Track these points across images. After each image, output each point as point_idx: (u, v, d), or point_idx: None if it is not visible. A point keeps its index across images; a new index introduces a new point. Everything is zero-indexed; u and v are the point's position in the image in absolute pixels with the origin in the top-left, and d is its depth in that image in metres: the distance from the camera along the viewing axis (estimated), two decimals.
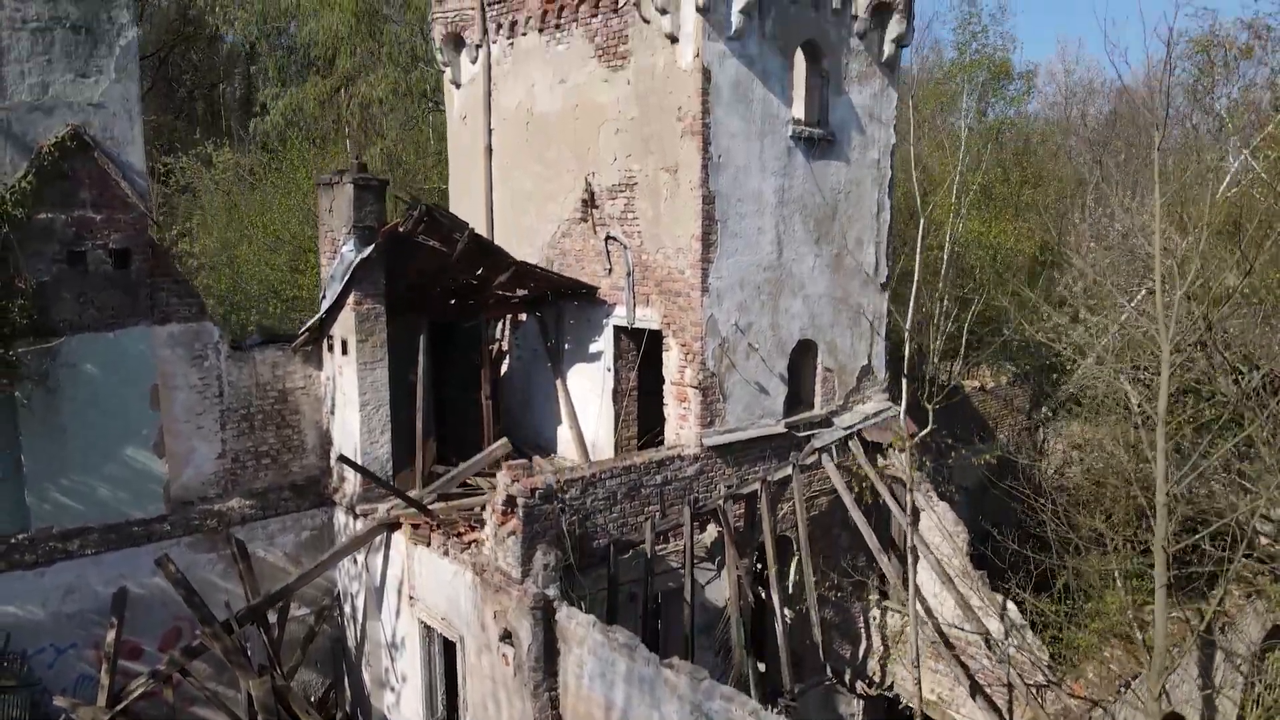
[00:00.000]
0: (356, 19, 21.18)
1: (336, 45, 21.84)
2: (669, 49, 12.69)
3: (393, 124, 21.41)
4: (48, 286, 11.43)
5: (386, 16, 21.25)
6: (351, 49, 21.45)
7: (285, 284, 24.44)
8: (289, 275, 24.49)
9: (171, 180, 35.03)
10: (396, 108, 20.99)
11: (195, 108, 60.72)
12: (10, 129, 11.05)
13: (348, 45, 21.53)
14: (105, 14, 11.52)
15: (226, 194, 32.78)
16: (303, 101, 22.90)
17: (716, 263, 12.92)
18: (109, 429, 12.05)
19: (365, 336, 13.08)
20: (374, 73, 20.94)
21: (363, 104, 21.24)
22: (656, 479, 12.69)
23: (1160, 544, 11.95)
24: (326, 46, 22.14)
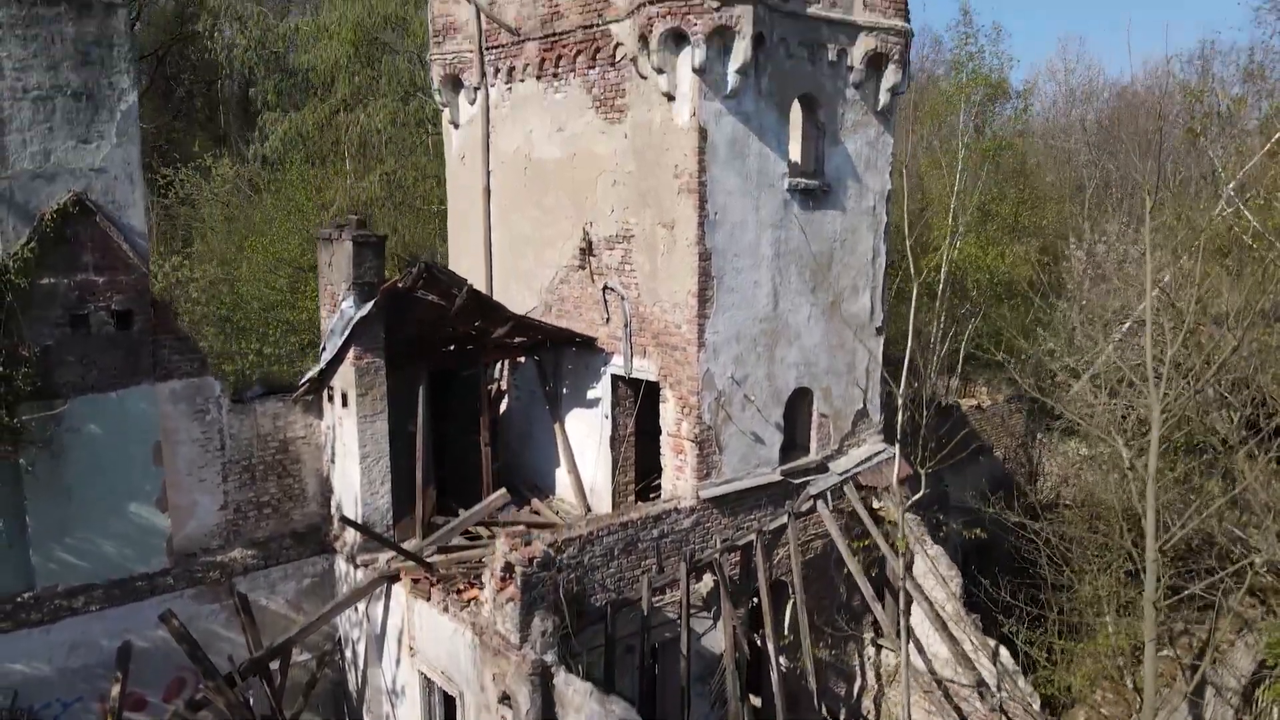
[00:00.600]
0: (355, 48, 21.22)
1: (335, 73, 21.89)
2: (665, 106, 12.78)
3: (391, 150, 21.47)
4: (51, 350, 11.56)
5: (385, 44, 21.28)
6: (350, 77, 21.50)
7: (285, 304, 24.53)
8: (289, 296, 24.60)
9: (171, 193, 35.12)
10: (395, 137, 21.05)
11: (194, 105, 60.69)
12: (13, 197, 11.15)
13: (346, 74, 21.58)
14: (106, 80, 11.60)
15: (225, 204, 32.90)
16: (301, 126, 22.95)
17: (713, 318, 13.05)
18: (113, 487, 12.20)
19: (365, 390, 13.22)
20: (372, 101, 20.98)
21: (361, 132, 21.29)
22: (653, 533, 12.87)
23: (1150, 600, 12.12)
24: (325, 74, 22.19)
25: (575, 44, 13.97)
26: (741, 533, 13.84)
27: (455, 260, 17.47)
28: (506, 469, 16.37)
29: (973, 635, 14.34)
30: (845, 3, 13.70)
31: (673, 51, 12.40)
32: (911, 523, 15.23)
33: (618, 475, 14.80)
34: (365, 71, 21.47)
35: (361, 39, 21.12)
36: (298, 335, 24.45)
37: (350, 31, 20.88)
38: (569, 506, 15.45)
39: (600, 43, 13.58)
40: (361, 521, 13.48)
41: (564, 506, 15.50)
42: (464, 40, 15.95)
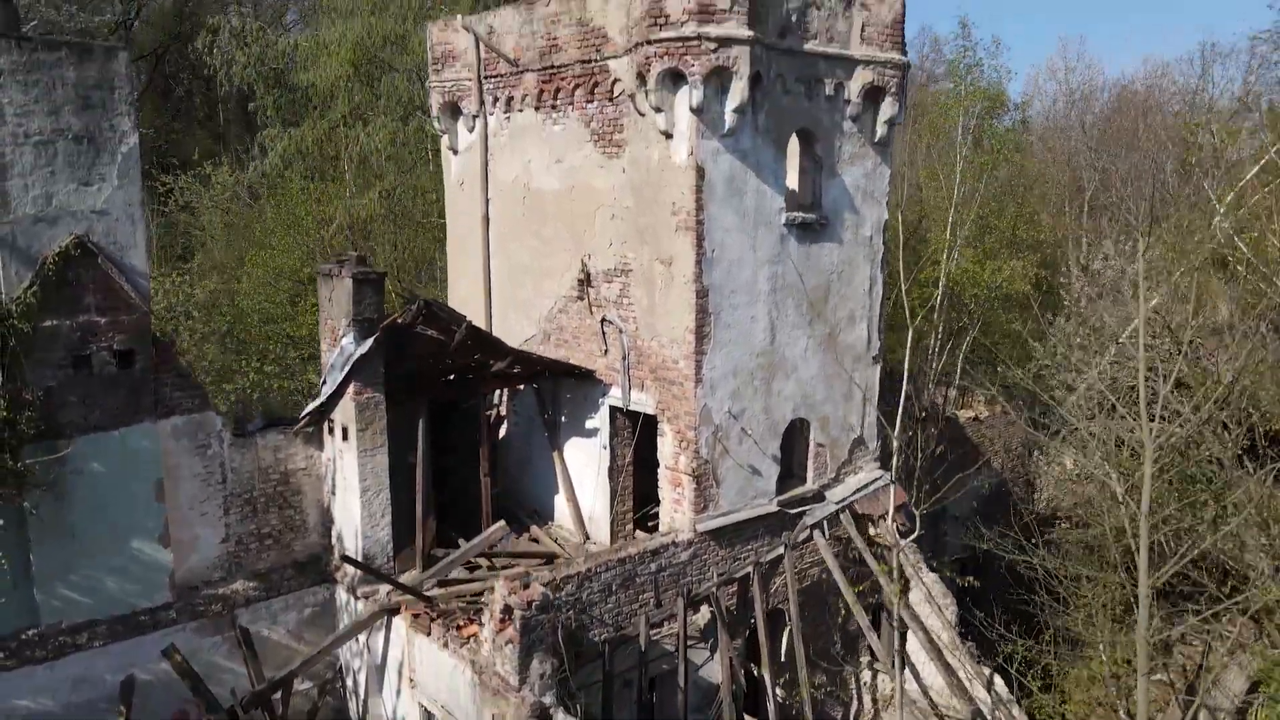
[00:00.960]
0: (354, 67, 21.27)
1: (334, 91, 21.93)
2: (663, 143, 12.85)
3: (391, 165, 21.53)
4: (54, 391, 11.66)
5: (384, 63, 21.31)
6: (350, 95, 21.54)
7: (285, 318, 24.58)
8: (289, 309, 24.66)
9: (171, 200, 35.16)
10: (395, 155, 21.11)
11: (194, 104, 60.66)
12: (15, 242, 11.23)
13: (346, 92, 21.62)
14: (107, 123, 11.67)
15: (225, 212, 32.95)
16: (301, 143, 23.01)
17: (710, 354, 13.14)
18: (115, 524, 12.32)
19: (365, 425, 13.33)
20: (373, 120, 21.03)
21: (361, 151, 21.35)
22: (651, 567, 13.00)
23: (1142, 636, 12.26)
24: (324, 92, 22.23)
25: (573, 77, 14.03)
26: (739, 564, 13.97)
27: (454, 284, 17.57)
28: (505, 494, 16.49)
29: (968, 664, 14.48)
30: (842, 37, 13.75)
31: (670, 90, 12.47)
32: (907, 550, 15.39)
33: (616, 504, 14.92)
34: (365, 90, 21.51)
35: (361, 58, 21.15)
36: (298, 349, 24.56)
37: (350, 51, 20.92)
38: (568, 533, 15.57)
39: (598, 78, 13.64)
40: (362, 553, 13.62)
41: (563, 534, 15.62)
42: (463, 68, 16.00)
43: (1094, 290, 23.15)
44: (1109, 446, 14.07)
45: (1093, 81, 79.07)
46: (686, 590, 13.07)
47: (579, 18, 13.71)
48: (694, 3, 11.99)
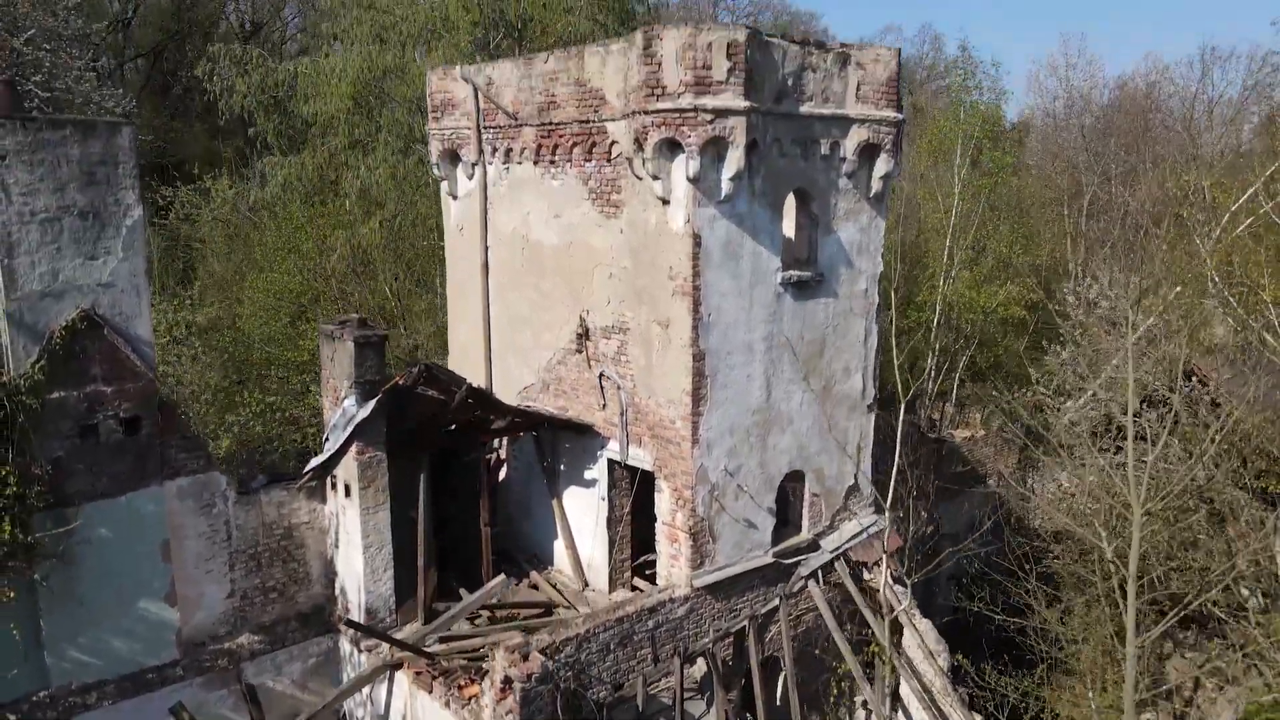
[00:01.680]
0: (355, 101, 21.36)
1: (335, 123, 22.03)
2: (660, 208, 13.00)
3: (391, 194, 21.65)
4: (61, 461, 11.87)
5: (384, 93, 21.40)
6: (350, 128, 21.64)
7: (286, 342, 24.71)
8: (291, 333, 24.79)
9: (171, 214, 35.26)
10: (393, 191, 21.23)
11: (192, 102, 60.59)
12: (22, 318, 11.42)
13: (346, 125, 21.72)
14: (112, 198, 11.84)
15: (226, 224, 33.07)
16: (302, 172, 23.12)
17: (707, 415, 13.34)
18: (123, 586, 12.56)
19: (368, 483, 13.56)
20: (372, 153, 21.15)
21: (362, 185, 21.47)
22: (648, 624, 13.25)
23: (1130, 696, 12.53)
24: (324, 125, 22.34)
25: (571, 135, 14.16)
26: (735, 615, 14.22)
27: (454, 329, 17.75)
28: (504, 536, 16.73)
29: (959, 712, 14.76)
30: (837, 97, 13.88)
31: (667, 158, 12.61)
32: (901, 595, 15.65)
33: (615, 553, 15.16)
34: (365, 122, 21.61)
35: (361, 91, 21.23)
36: (300, 374, 24.75)
37: (350, 86, 21.00)
38: (567, 579, 15.82)
39: (596, 138, 13.77)
40: (365, 607, 13.89)
41: (562, 579, 15.87)
42: (462, 117, 16.12)
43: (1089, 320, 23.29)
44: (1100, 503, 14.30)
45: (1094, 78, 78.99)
46: (683, 648, 13.32)
47: (577, 77, 13.83)
48: (690, 75, 12.12)
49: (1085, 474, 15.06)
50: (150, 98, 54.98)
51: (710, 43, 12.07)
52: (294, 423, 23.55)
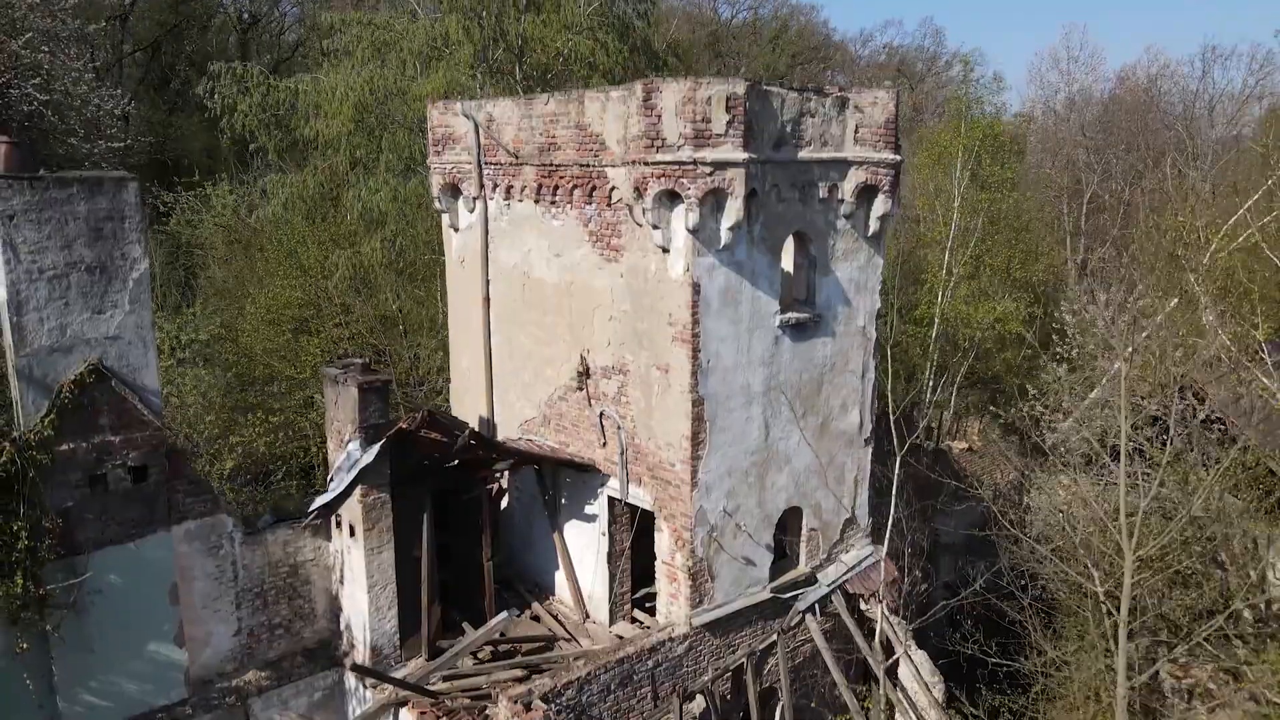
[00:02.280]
0: (355, 125, 21.43)
1: (336, 145, 22.11)
2: (660, 255, 13.14)
3: (392, 214, 21.77)
4: (71, 511, 12.06)
5: (386, 115, 21.45)
6: (351, 151, 21.73)
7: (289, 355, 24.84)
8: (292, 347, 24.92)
9: (171, 221, 35.34)
10: (394, 212, 21.34)
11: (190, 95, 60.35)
12: (31, 373, 11.58)
13: (348, 148, 21.79)
14: (119, 252, 11.98)
15: (227, 230, 33.15)
16: (303, 190, 23.22)
17: (706, 459, 13.54)
18: (132, 630, 12.79)
19: (372, 525, 13.77)
20: (373, 176, 21.25)
21: (364, 207, 21.57)
22: (649, 664, 13.50)
23: None
24: (325, 147, 22.43)
25: (572, 177, 14.28)
26: (733, 651, 14.48)
27: (456, 356, 17.91)
28: (506, 565, 16.97)
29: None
30: (835, 140, 14.00)
31: (666, 208, 12.74)
32: (897, 627, 15.91)
33: (615, 587, 15.39)
34: (366, 144, 21.69)
35: (362, 114, 21.30)
36: (302, 390, 24.92)
37: (351, 109, 21.07)
38: (568, 610, 16.06)
39: (596, 182, 13.90)
40: (370, 644, 14.13)
41: (563, 610, 16.11)
42: (463, 151, 16.23)
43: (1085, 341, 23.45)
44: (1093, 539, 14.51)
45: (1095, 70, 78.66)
46: (683, 687, 13.57)
47: (577, 121, 13.94)
48: (689, 128, 12.24)
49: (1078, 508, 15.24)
50: (148, 93, 54.92)
51: (709, 96, 12.18)
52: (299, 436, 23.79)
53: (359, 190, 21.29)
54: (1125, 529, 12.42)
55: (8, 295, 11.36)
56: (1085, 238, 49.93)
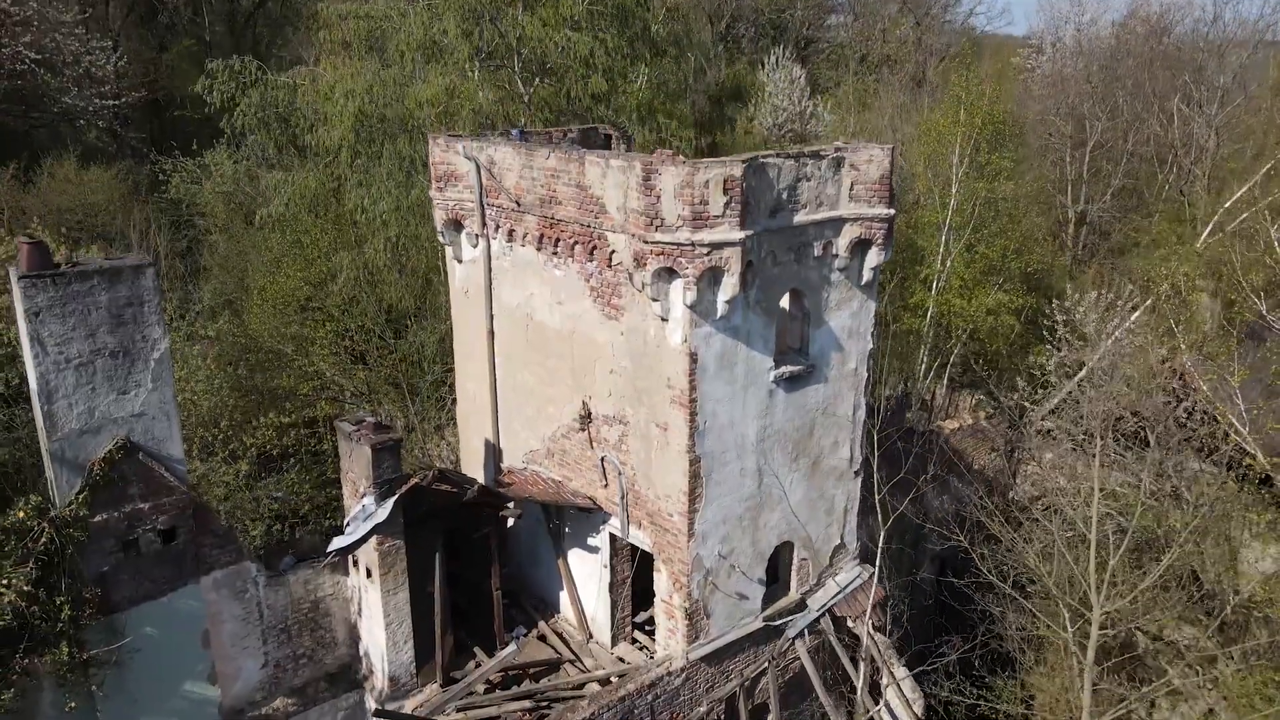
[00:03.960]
0: (355, 135, 21.47)
1: (336, 152, 22.19)
2: (659, 321, 13.62)
3: (393, 222, 22.04)
4: (107, 575, 12.91)
5: (386, 124, 21.48)
6: (352, 157, 21.82)
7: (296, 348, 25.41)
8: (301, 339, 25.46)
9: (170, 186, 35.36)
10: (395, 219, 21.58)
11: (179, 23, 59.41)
12: (64, 456, 12.26)
13: (348, 154, 21.87)
14: (140, 335, 12.49)
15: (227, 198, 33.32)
16: (305, 189, 23.40)
17: (702, 510, 14.29)
18: (169, 674, 13.81)
19: (387, 569, 14.63)
20: (375, 185, 21.42)
21: (366, 215, 21.79)
22: (648, 698, 14.54)
23: None
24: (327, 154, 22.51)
25: (573, 234, 14.61)
26: (727, 678, 15.53)
27: (462, 383, 18.50)
28: (513, 580, 17.91)
29: None
30: (831, 200, 14.31)
31: (665, 281, 13.17)
32: (881, 645, 16.96)
33: (617, 613, 16.37)
34: (368, 151, 21.76)
35: (362, 123, 21.32)
36: (309, 382, 25.57)
37: (351, 119, 21.08)
38: (572, 629, 17.09)
39: (597, 242, 14.25)
40: (388, 675, 15.15)
41: (567, 629, 17.13)
42: (465, 189, 16.47)
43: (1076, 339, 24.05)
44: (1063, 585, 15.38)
45: None
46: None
47: (578, 181, 14.21)
48: (688, 210, 12.59)
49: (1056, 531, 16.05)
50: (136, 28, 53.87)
51: (707, 180, 12.50)
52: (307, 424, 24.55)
53: (361, 198, 21.50)
54: (1094, 583, 13.28)
55: (38, 385, 11.94)
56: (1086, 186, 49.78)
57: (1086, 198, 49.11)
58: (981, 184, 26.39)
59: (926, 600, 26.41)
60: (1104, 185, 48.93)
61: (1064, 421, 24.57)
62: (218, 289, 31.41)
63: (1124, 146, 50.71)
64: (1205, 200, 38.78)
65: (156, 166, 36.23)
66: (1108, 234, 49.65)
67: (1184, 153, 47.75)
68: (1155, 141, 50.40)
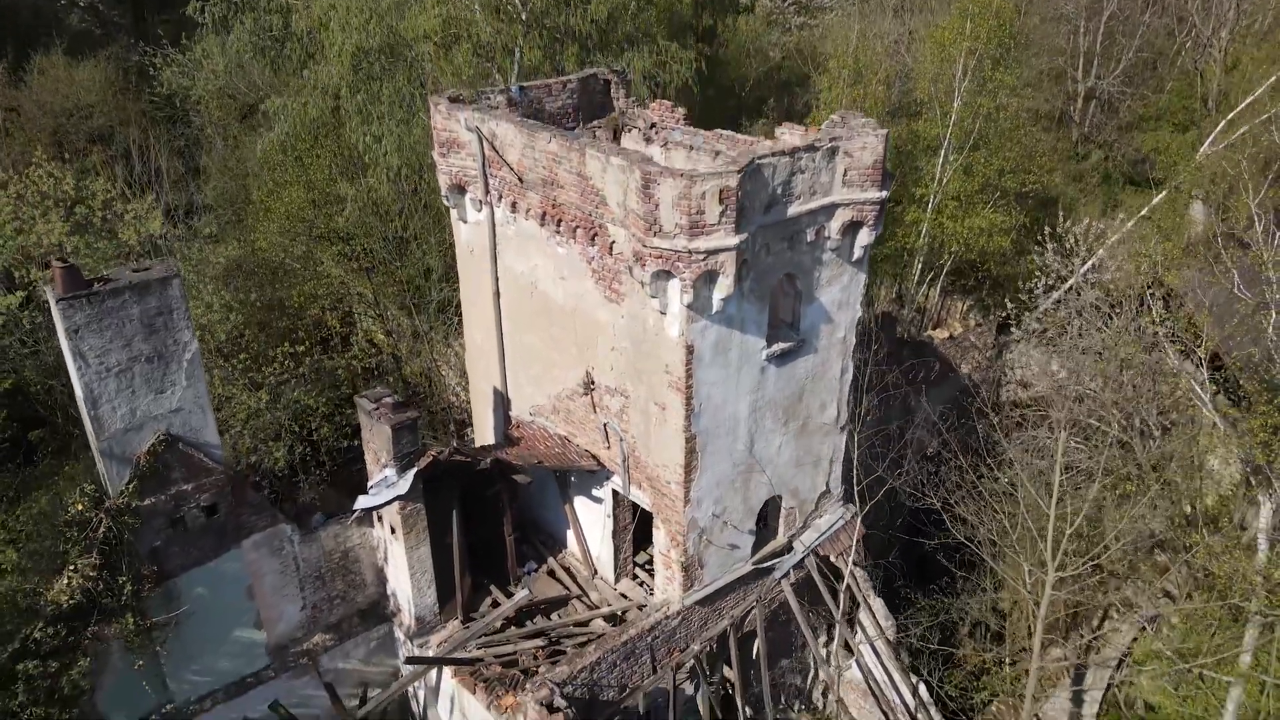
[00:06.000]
0: (354, 72, 21.22)
1: (336, 92, 22.03)
2: (658, 314, 14.38)
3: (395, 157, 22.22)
4: (158, 550, 14.32)
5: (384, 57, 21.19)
6: (353, 94, 21.67)
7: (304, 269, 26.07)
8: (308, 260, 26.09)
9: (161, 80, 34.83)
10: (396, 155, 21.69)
11: None
12: (112, 452, 13.38)
13: (348, 90, 21.71)
14: (171, 339, 13.35)
15: (221, 89, 33.04)
16: (304, 117, 23.38)
17: (697, 479, 15.53)
18: (220, 626, 15.49)
19: (410, 528, 16.05)
20: (374, 123, 21.39)
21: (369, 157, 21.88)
22: (648, 640, 16.28)
23: (1030, 695, 15.76)
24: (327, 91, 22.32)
25: (575, 218, 15.12)
26: (719, 617, 17.27)
27: (470, 332, 19.33)
28: (524, 520, 19.43)
29: (900, 671, 18.24)
30: (824, 187, 14.75)
31: (663, 280, 13.85)
32: (860, 580, 18.66)
33: (620, 554, 17.95)
34: (366, 87, 21.58)
35: (360, 60, 21.05)
36: (318, 301, 26.39)
37: (349, 57, 20.79)
38: (578, 564, 18.75)
39: (598, 230, 14.79)
40: (415, 615, 16.87)
41: (574, 563, 18.79)
42: (467, 157, 16.78)
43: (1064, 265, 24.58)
44: None
45: None
46: (674, 665, 16.45)
47: (579, 170, 14.60)
48: (685, 219, 13.12)
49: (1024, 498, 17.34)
50: None
51: (704, 192, 12.97)
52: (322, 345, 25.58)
53: (362, 134, 21.60)
54: (1050, 544, 14.69)
55: (83, 394, 12.92)
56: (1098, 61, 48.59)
57: (1098, 74, 48.04)
58: (984, 99, 26.20)
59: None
60: (1116, 59, 47.80)
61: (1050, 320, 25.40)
62: (219, 189, 31.64)
63: (1141, 18, 49.09)
64: (1219, 77, 38.07)
65: (146, 59, 35.51)
66: (1116, 109, 48.90)
67: (1202, 23, 46.29)
68: (1175, 9, 48.76)
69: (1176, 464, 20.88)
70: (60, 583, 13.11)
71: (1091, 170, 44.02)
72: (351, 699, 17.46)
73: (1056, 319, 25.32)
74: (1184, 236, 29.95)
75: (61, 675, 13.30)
